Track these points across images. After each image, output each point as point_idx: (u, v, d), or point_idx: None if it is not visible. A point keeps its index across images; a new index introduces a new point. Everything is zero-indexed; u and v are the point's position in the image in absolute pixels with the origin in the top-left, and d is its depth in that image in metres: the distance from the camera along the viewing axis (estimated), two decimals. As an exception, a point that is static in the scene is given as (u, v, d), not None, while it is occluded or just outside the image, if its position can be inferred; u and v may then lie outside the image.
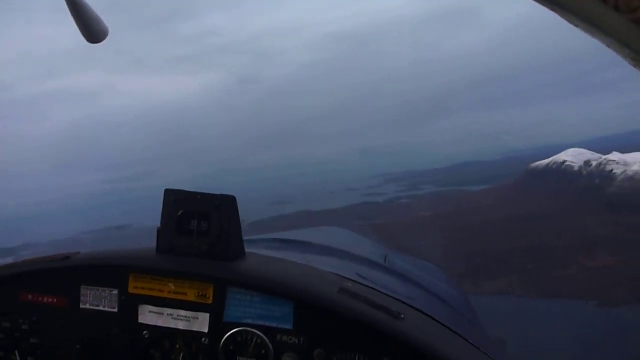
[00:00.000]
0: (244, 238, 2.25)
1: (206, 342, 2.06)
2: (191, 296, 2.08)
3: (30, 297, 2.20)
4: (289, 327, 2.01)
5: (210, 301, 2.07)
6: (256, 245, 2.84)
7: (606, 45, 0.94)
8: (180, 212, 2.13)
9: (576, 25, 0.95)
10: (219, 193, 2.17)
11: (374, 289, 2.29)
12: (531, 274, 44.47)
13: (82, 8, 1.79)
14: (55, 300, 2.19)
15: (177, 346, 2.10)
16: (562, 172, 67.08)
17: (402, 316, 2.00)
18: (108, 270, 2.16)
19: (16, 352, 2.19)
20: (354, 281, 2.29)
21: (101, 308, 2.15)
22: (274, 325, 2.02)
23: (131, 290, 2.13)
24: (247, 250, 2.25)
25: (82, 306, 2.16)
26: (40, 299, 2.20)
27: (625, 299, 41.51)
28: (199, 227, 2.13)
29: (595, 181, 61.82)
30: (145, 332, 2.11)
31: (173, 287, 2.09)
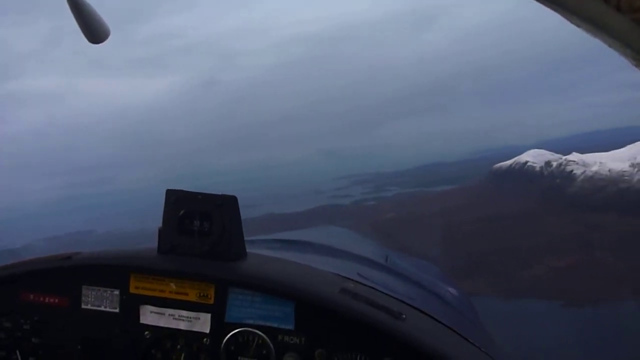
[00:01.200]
0: (245, 238, 2.24)
1: (207, 343, 2.07)
2: (192, 296, 2.09)
3: (31, 296, 2.20)
4: (290, 327, 2.02)
5: (211, 301, 2.07)
6: (257, 245, 2.83)
7: (608, 45, 0.94)
8: (181, 212, 2.13)
9: (578, 25, 0.95)
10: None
11: (374, 288, 2.29)
12: (497, 274, 44.92)
13: (83, 8, 1.80)
14: (56, 300, 2.18)
15: (178, 346, 2.10)
16: (524, 172, 68.38)
17: (403, 316, 2.01)
18: (109, 270, 2.16)
19: (17, 352, 2.19)
20: (355, 281, 2.30)
21: (102, 308, 2.14)
22: (275, 325, 2.03)
23: (132, 290, 2.13)
24: (248, 250, 2.25)
25: (83, 306, 2.16)
26: (41, 298, 2.19)
27: (589, 297, 42.27)
28: (200, 227, 2.14)
29: (556, 181, 63.14)
30: (146, 333, 2.11)
31: (174, 287, 2.10)
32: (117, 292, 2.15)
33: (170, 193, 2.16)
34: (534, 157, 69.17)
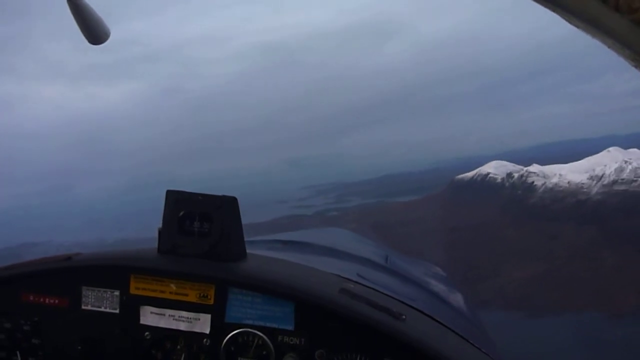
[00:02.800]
0: (245, 239, 2.26)
1: (207, 343, 2.07)
2: (192, 297, 2.09)
3: (31, 297, 2.19)
4: (290, 327, 2.03)
5: (211, 302, 2.08)
6: (257, 246, 2.83)
7: (607, 46, 0.95)
8: (181, 213, 2.14)
9: (576, 26, 0.96)
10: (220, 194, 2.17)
11: (375, 289, 2.31)
12: (460, 285, 44.91)
13: (84, 10, 1.82)
14: (56, 301, 2.18)
15: (179, 347, 2.10)
16: (486, 183, 69.35)
17: (403, 317, 2.02)
18: (109, 270, 2.16)
19: (17, 353, 2.18)
20: (355, 282, 2.31)
21: (102, 309, 2.15)
22: (275, 326, 2.04)
23: (132, 290, 2.13)
24: (248, 251, 2.26)
25: (83, 307, 2.16)
26: (41, 299, 2.19)
27: (550, 307, 42.63)
28: (200, 228, 2.14)
29: (517, 193, 64.08)
30: (146, 333, 2.11)
31: (174, 288, 2.10)
32: (117, 292, 2.14)
33: (170, 194, 2.17)
34: (496, 169, 70.27)
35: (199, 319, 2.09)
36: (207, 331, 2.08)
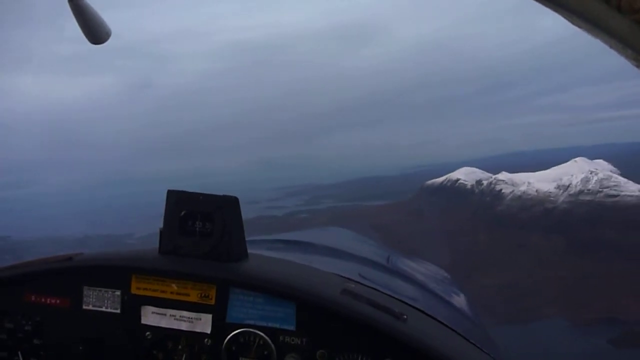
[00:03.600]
0: (247, 239, 2.26)
1: (209, 343, 2.07)
2: (194, 297, 2.09)
3: (33, 297, 2.19)
4: (291, 328, 2.03)
5: (212, 302, 2.08)
6: (258, 246, 2.83)
7: (609, 46, 0.95)
8: (182, 213, 2.14)
9: (578, 26, 0.96)
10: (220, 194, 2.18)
11: (376, 289, 2.31)
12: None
13: (85, 10, 1.83)
14: (58, 301, 2.18)
15: (180, 347, 2.10)
16: (455, 189, 69.70)
17: (405, 317, 2.01)
18: (110, 271, 2.16)
19: (19, 353, 2.18)
20: (356, 282, 2.32)
21: (104, 309, 2.15)
22: (277, 326, 2.04)
23: (134, 290, 2.13)
24: (249, 251, 2.26)
25: (84, 307, 2.16)
26: (43, 299, 2.19)
27: (516, 315, 42.81)
28: (202, 228, 2.14)
29: (486, 199, 64.53)
30: (147, 333, 2.11)
31: (175, 288, 2.10)
32: (118, 292, 2.14)
33: (171, 194, 2.16)
34: (466, 175, 70.78)
35: (200, 319, 2.09)
36: (209, 331, 2.07)
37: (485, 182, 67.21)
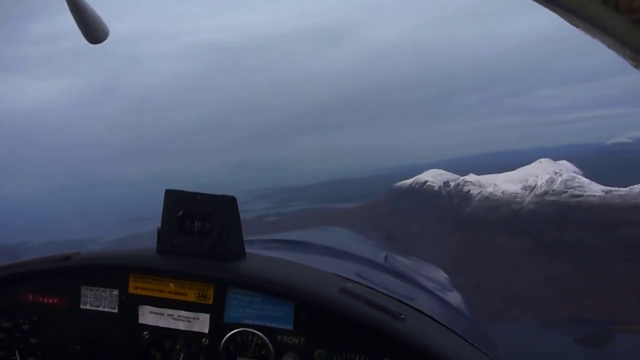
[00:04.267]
0: (244, 238, 2.26)
1: (206, 343, 2.08)
2: (191, 296, 2.09)
3: (30, 297, 2.19)
4: (289, 327, 2.03)
5: (210, 301, 2.08)
6: (256, 245, 2.83)
7: (607, 45, 0.95)
8: (180, 213, 2.14)
9: (576, 26, 0.96)
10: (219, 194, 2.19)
11: (374, 289, 2.32)
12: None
13: (82, 8, 1.81)
14: (55, 300, 2.18)
15: (178, 347, 2.10)
16: (423, 191, 70.02)
17: (403, 316, 2.02)
18: (108, 270, 2.17)
19: (16, 352, 2.17)
20: (354, 281, 2.33)
21: (101, 308, 2.15)
22: (275, 325, 2.04)
23: (131, 290, 2.13)
24: (247, 250, 2.27)
25: (82, 306, 2.15)
26: (40, 299, 2.18)
27: (482, 316, 42.75)
28: (200, 228, 2.14)
29: (454, 201, 64.80)
30: (145, 333, 2.11)
31: (173, 288, 2.10)
32: (116, 292, 2.14)
33: (169, 193, 2.17)
34: (434, 177, 71.18)
35: (198, 319, 2.08)
36: (206, 331, 2.07)
37: (452, 184, 67.72)
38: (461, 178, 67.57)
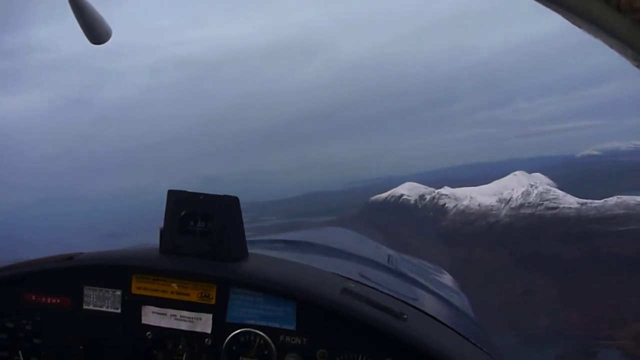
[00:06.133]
0: (247, 239, 2.29)
1: (209, 343, 2.09)
2: (194, 297, 2.11)
3: (33, 297, 2.20)
4: (291, 327, 2.05)
5: (213, 302, 2.10)
6: (259, 245, 2.84)
7: (608, 45, 0.95)
8: (183, 213, 2.16)
9: (578, 26, 0.96)
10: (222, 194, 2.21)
11: (376, 289, 2.34)
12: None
13: (85, 9, 1.83)
14: (58, 301, 2.19)
15: (180, 347, 2.13)
16: (399, 205, 69.44)
17: (405, 316, 2.04)
18: (111, 270, 2.18)
19: (19, 352, 2.18)
20: (357, 281, 2.35)
21: (104, 308, 2.16)
22: (277, 325, 2.06)
23: (134, 290, 2.14)
24: (249, 250, 2.30)
25: (85, 306, 2.17)
26: (43, 299, 2.20)
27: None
28: (202, 228, 2.15)
29: (429, 215, 64.24)
30: (148, 333, 2.13)
31: (176, 288, 2.12)
32: (118, 292, 2.15)
33: (171, 194, 2.19)
34: (409, 190, 70.82)
35: (201, 319, 2.10)
36: (209, 331, 2.09)
37: (428, 197, 67.63)
38: (436, 191, 67.63)
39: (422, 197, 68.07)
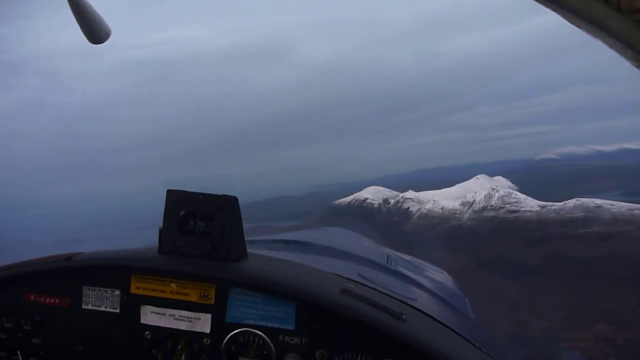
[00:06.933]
0: (246, 239, 2.29)
1: (208, 343, 2.09)
2: (193, 297, 2.11)
3: (32, 297, 2.20)
4: (291, 327, 2.05)
5: (212, 302, 2.10)
6: (258, 245, 2.84)
7: (608, 46, 0.96)
8: (182, 213, 2.16)
9: (578, 26, 0.97)
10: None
11: (375, 289, 2.35)
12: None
13: (84, 9, 1.84)
14: (57, 301, 2.19)
15: (179, 347, 2.13)
16: (363, 209, 69.26)
17: (404, 317, 2.04)
18: (110, 270, 2.19)
19: (18, 353, 2.18)
20: (356, 282, 2.36)
21: (103, 308, 2.16)
22: (276, 325, 2.06)
23: (133, 290, 2.15)
24: (249, 250, 2.30)
25: (84, 306, 2.17)
26: (42, 299, 2.20)
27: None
28: (201, 228, 2.16)
29: (394, 218, 64.15)
30: (147, 333, 2.13)
31: (175, 288, 2.12)
32: (117, 292, 2.15)
33: (170, 193, 2.19)
34: (373, 194, 70.75)
35: (200, 319, 2.10)
36: (208, 331, 2.09)
37: (392, 201, 67.78)
38: (400, 195, 67.92)
39: (386, 200, 68.33)
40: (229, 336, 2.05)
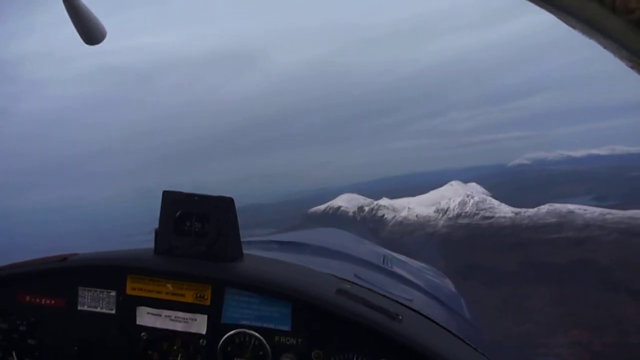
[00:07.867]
0: (242, 239, 2.30)
1: (204, 344, 2.10)
2: (189, 297, 2.12)
3: (28, 298, 2.20)
4: (286, 328, 2.06)
5: (208, 302, 2.11)
6: (254, 246, 2.84)
7: (603, 46, 0.95)
8: (178, 213, 2.16)
9: (573, 27, 0.96)
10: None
11: (371, 290, 2.37)
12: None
13: (80, 10, 1.84)
14: (52, 302, 2.19)
15: (175, 347, 2.13)
16: (338, 217, 69.10)
17: (400, 317, 2.05)
18: (106, 271, 2.18)
19: (13, 353, 2.17)
20: (352, 282, 2.37)
21: (99, 309, 2.16)
22: (272, 326, 2.07)
23: (129, 291, 2.15)
24: (245, 251, 2.30)
25: (79, 307, 2.17)
26: (38, 300, 2.19)
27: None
28: (197, 228, 2.16)
29: (369, 226, 64.03)
30: (143, 334, 2.13)
31: (171, 288, 2.12)
32: (113, 293, 2.15)
33: (166, 194, 2.18)
34: (347, 202, 70.59)
35: (196, 320, 2.10)
36: (204, 332, 2.09)
37: (367, 209, 67.83)
38: (375, 202, 67.87)
39: (360, 208, 68.38)
40: (225, 337, 2.06)
